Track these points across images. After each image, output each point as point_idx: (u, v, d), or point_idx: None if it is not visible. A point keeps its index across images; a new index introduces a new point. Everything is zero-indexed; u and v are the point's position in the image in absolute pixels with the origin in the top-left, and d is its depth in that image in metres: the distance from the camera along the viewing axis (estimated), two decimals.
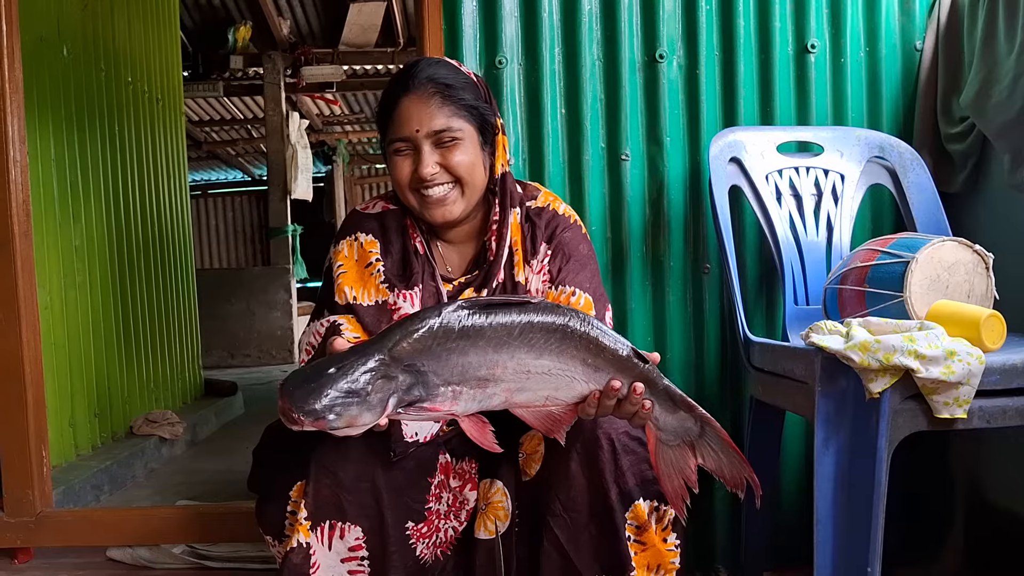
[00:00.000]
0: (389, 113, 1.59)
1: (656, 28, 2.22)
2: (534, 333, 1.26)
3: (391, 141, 1.59)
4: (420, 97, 1.56)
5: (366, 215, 1.69)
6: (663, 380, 1.33)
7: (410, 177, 1.57)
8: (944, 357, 1.45)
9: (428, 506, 1.52)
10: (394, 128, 1.58)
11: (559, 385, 1.29)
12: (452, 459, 1.58)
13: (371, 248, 1.65)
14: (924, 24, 2.26)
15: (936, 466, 2.20)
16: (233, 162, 11.83)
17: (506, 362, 1.25)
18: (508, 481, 1.55)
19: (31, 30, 2.94)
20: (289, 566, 1.42)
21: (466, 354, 1.23)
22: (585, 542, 1.46)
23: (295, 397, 1.18)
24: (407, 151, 1.57)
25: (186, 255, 4.95)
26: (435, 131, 1.55)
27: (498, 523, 1.54)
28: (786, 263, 2.06)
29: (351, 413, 1.18)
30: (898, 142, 2.15)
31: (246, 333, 7.83)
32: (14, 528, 2.41)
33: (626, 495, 1.44)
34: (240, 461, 3.83)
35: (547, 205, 1.70)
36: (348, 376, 1.19)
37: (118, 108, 3.96)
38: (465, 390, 1.25)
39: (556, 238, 1.65)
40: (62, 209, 3.32)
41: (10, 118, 2.38)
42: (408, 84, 1.57)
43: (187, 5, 6.93)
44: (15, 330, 2.39)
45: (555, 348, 1.27)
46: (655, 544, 1.46)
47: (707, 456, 1.37)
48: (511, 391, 1.27)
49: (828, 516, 1.54)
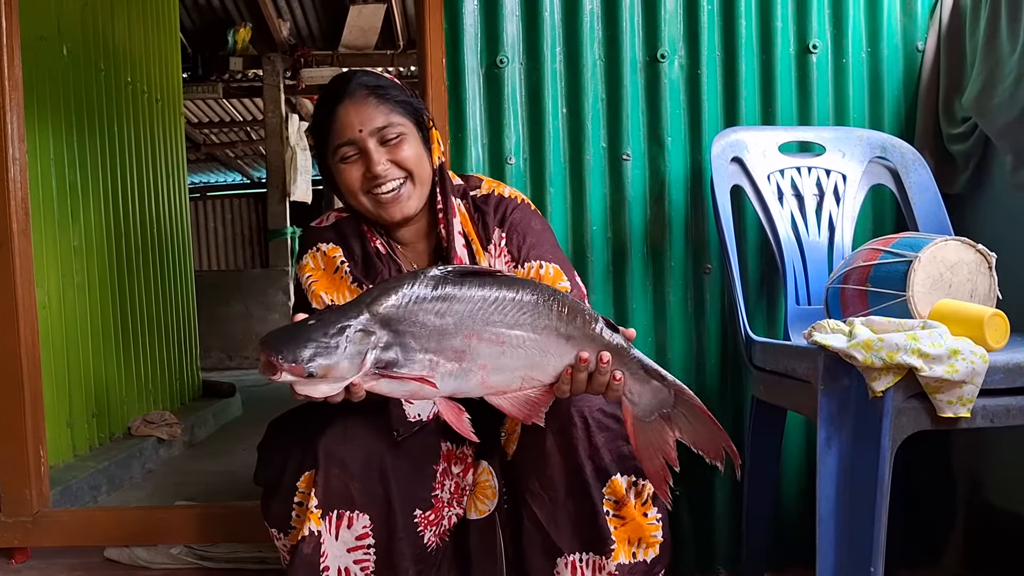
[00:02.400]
0: (328, 125, 1.60)
1: (658, 28, 2.22)
2: (508, 303, 1.29)
3: (336, 148, 1.60)
4: (355, 101, 1.59)
5: (322, 228, 1.72)
6: (633, 351, 1.34)
7: (361, 180, 1.60)
8: (948, 356, 1.44)
9: (435, 493, 1.54)
10: (336, 135, 1.59)
11: (533, 361, 1.31)
12: (452, 445, 1.59)
13: (334, 254, 1.67)
14: (926, 24, 2.26)
15: (938, 465, 2.19)
16: (232, 164, 11.82)
17: (481, 330, 1.27)
18: (493, 461, 1.58)
19: (31, 29, 2.93)
20: (300, 556, 1.43)
21: (443, 317, 1.27)
22: (564, 519, 1.48)
23: (274, 344, 1.22)
24: (353, 156, 1.59)
25: (185, 256, 4.94)
26: (378, 128, 1.58)
27: (488, 502, 1.57)
28: (788, 263, 2.05)
29: (329, 361, 1.21)
30: (900, 142, 2.15)
31: (244, 335, 7.82)
32: (11, 528, 2.40)
33: (602, 471, 1.46)
34: (238, 462, 3.83)
35: (492, 191, 1.73)
36: (328, 326, 1.23)
37: (117, 108, 3.95)
38: (442, 361, 1.27)
39: (507, 220, 1.69)
40: (61, 208, 3.31)
41: (9, 116, 2.37)
42: (340, 93, 1.60)
43: (187, 6, 6.93)
44: (13, 329, 2.39)
45: (528, 320, 1.29)
46: (635, 518, 1.47)
47: (683, 427, 1.37)
48: (487, 369, 1.29)
49: (831, 515, 1.53)
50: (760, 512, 2.08)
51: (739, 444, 2.21)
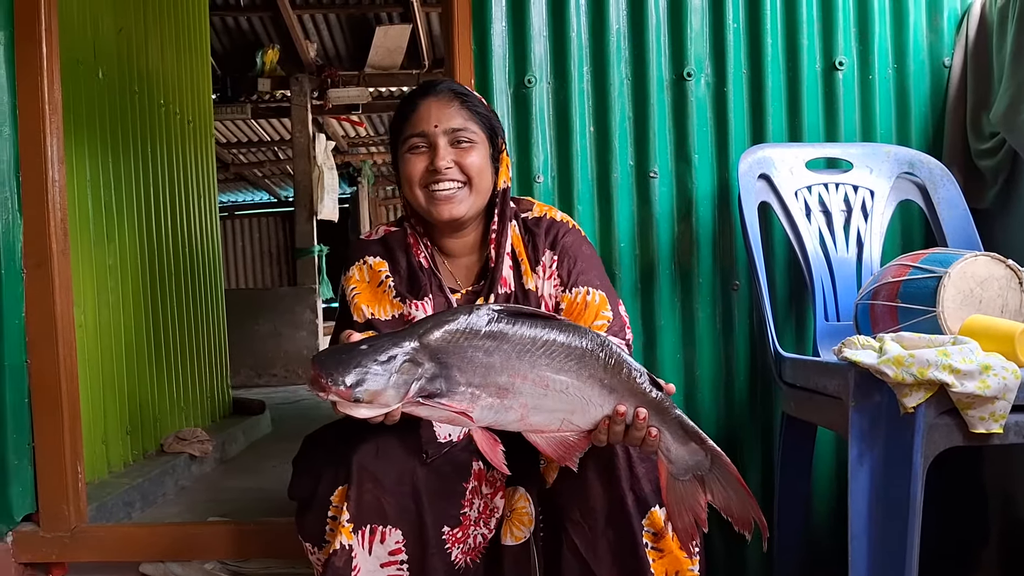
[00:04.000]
0: (407, 116, 1.65)
1: (684, 46, 2.24)
2: (556, 348, 1.30)
3: (407, 138, 1.64)
4: (439, 99, 1.64)
5: (370, 241, 1.75)
6: (675, 410, 1.35)
7: (422, 173, 1.63)
8: (979, 371, 1.44)
9: (463, 511, 1.54)
10: (411, 126, 1.64)
11: (575, 408, 1.32)
12: (484, 467, 1.60)
13: (380, 268, 1.70)
14: (952, 40, 2.26)
15: (971, 482, 2.18)
16: (260, 183, 11.95)
17: (527, 372, 1.29)
18: (531, 487, 1.58)
19: (68, 53, 2.99)
20: (331, 569, 1.44)
21: (491, 355, 1.28)
22: (603, 549, 1.49)
23: (326, 365, 1.24)
24: (422, 148, 1.63)
25: (215, 275, 4.99)
26: (453, 128, 1.62)
27: (524, 528, 1.57)
28: (816, 279, 2.06)
29: (376, 387, 1.23)
30: (928, 158, 2.15)
31: (273, 352, 7.87)
32: (50, 543, 2.43)
33: (642, 501, 1.47)
34: (269, 479, 3.85)
35: (544, 214, 1.75)
36: (379, 353, 1.25)
37: (151, 130, 4.02)
38: (484, 395, 1.28)
39: (559, 243, 1.71)
40: (96, 228, 3.37)
41: (49, 139, 2.42)
42: (428, 90, 1.66)
43: (217, 30, 7.04)
44: (52, 348, 2.43)
45: (574, 366, 1.31)
46: (672, 551, 1.47)
47: (716, 492, 1.38)
48: (527, 408, 1.30)
49: (863, 532, 1.53)
50: (791, 529, 2.07)
51: (769, 460, 2.23)
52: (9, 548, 2.42)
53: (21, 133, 2.42)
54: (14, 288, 2.40)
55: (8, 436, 2.39)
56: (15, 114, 2.42)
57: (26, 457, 2.44)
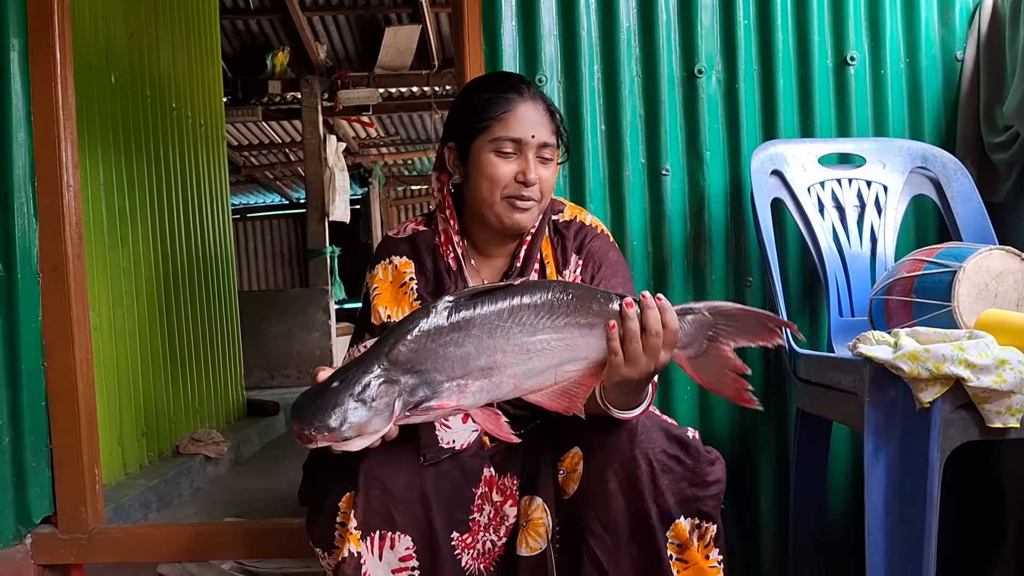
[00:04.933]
0: (497, 111, 1.59)
1: (694, 43, 2.24)
2: (523, 312, 1.28)
3: (497, 137, 1.58)
4: (535, 107, 1.60)
5: (398, 239, 1.73)
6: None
7: (512, 179, 1.58)
8: (995, 366, 1.44)
9: (472, 516, 1.53)
10: (504, 127, 1.58)
11: (563, 358, 1.30)
12: (496, 474, 1.59)
13: (405, 269, 1.68)
14: (964, 34, 2.25)
15: (988, 476, 2.17)
16: (271, 186, 11.99)
17: (504, 346, 1.27)
18: (548, 498, 1.56)
19: (81, 58, 3.02)
20: None
21: (462, 346, 1.26)
22: (626, 562, 1.47)
23: (304, 416, 1.23)
24: (512, 153, 1.59)
25: (228, 277, 5.02)
26: (544, 143, 1.59)
27: (540, 540, 1.54)
28: (830, 275, 2.05)
29: (359, 420, 1.22)
30: (941, 152, 2.14)
31: (286, 354, 7.90)
32: (68, 545, 2.45)
33: (666, 514, 1.45)
34: (283, 479, 3.88)
35: (574, 217, 1.73)
36: (351, 387, 1.23)
37: (163, 133, 4.05)
38: (470, 383, 1.27)
39: (585, 248, 1.69)
40: (110, 232, 3.39)
41: (64, 144, 2.44)
42: (522, 90, 1.61)
43: (227, 33, 7.07)
44: (68, 351, 2.44)
45: (547, 322, 1.29)
46: (698, 562, 1.46)
47: (732, 335, 1.35)
48: (518, 376, 1.29)
49: (880, 528, 1.53)
50: (807, 525, 2.07)
51: (784, 457, 2.22)
52: (28, 550, 2.43)
53: (36, 139, 2.44)
54: (31, 292, 2.42)
55: (26, 439, 2.41)
56: (30, 120, 2.44)
57: (43, 459, 2.46)
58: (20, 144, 2.41)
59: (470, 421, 1.57)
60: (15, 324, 2.39)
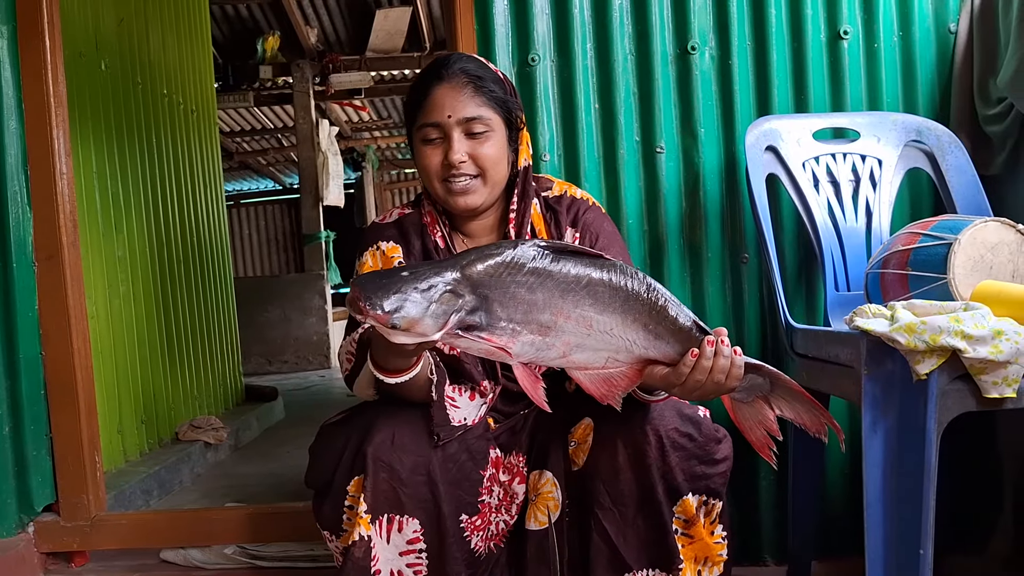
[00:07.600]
0: (419, 101, 1.62)
1: (687, 20, 2.23)
2: (602, 287, 1.27)
3: (420, 127, 1.61)
4: (452, 86, 1.59)
5: (384, 224, 1.73)
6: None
7: (439, 166, 1.60)
8: (991, 337, 1.44)
9: (481, 499, 1.55)
10: (424, 114, 1.61)
11: (619, 348, 1.30)
12: (502, 454, 1.60)
13: (393, 254, 1.68)
14: (958, 6, 2.25)
15: (985, 447, 2.18)
16: (264, 171, 11.95)
17: (570, 310, 1.26)
18: (558, 471, 1.57)
19: (70, 46, 3.00)
20: (351, 560, 1.45)
21: (533, 291, 1.25)
22: (633, 535, 1.49)
23: (366, 288, 1.21)
24: (437, 138, 1.60)
25: (224, 263, 5.01)
26: (466, 118, 1.58)
27: (550, 513, 1.56)
28: (826, 249, 2.05)
29: (414, 315, 1.20)
30: (935, 125, 2.14)
31: (283, 339, 7.92)
32: (70, 532, 2.46)
33: (673, 490, 1.47)
34: (283, 465, 3.89)
35: (564, 192, 1.74)
36: (419, 281, 1.22)
37: (155, 120, 4.03)
38: (524, 332, 1.26)
39: (580, 220, 1.70)
40: (104, 220, 3.38)
41: (56, 132, 2.43)
42: (441, 73, 1.61)
43: (216, 18, 7.02)
44: (66, 339, 2.45)
45: (619, 308, 1.28)
46: (703, 537, 1.48)
47: (783, 407, 1.41)
48: (570, 346, 1.28)
49: (878, 500, 1.54)
50: (806, 499, 2.08)
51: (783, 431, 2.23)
52: (31, 538, 2.45)
53: (28, 127, 2.44)
54: (27, 281, 2.42)
55: (26, 427, 2.42)
56: (21, 108, 2.43)
57: (44, 448, 2.47)
58: (12, 133, 2.41)
59: (477, 398, 1.59)
60: (12, 313, 2.40)
